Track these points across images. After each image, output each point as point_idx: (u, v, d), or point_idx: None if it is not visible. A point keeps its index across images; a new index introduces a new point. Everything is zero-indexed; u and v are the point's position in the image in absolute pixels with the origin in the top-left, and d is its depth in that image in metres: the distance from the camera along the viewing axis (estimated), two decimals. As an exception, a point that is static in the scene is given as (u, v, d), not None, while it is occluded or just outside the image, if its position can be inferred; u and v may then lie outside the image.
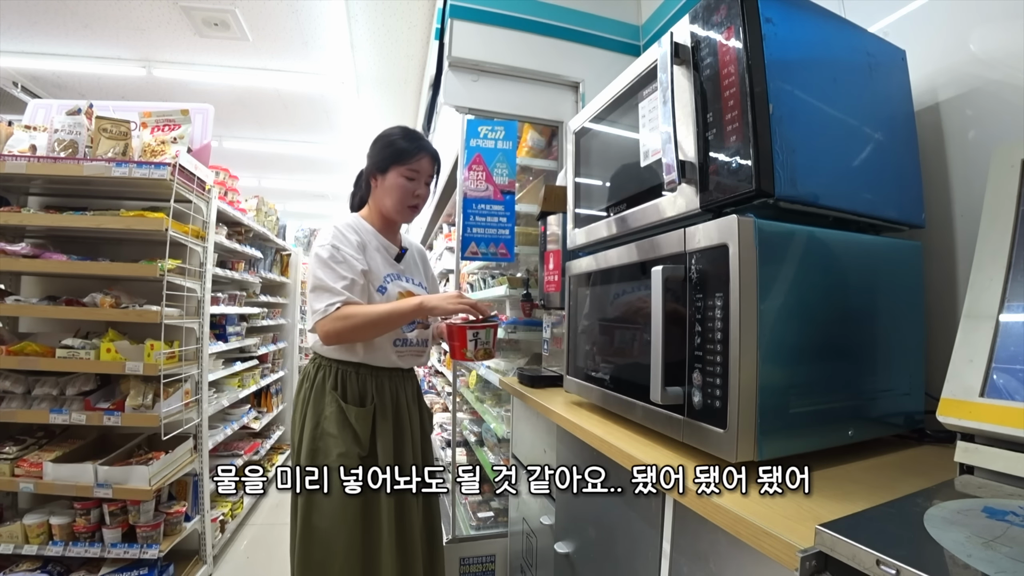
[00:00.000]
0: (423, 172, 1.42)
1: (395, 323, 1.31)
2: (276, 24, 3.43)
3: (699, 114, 0.89)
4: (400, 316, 1.29)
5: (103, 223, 1.96)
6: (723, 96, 0.83)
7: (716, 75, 0.85)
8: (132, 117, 2.09)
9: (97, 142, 2.00)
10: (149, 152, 2.05)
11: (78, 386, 2.01)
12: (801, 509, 0.65)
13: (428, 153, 1.42)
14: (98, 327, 2.10)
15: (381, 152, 1.41)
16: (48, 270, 2.02)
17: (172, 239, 1.99)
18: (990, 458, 0.65)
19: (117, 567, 2.00)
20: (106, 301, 1.97)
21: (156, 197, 2.16)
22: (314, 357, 1.43)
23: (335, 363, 1.38)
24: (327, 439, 1.33)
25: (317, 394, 1.37)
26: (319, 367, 1.40)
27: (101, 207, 2.11)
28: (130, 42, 3.66)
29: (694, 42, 0.91)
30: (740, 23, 0.80)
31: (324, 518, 1.29)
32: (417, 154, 1.39)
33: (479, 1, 2.12)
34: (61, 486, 1.89)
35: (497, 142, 2.11)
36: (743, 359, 0.74)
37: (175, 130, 2.13)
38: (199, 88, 4.26)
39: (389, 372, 1.43)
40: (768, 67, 0.80)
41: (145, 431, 2.16)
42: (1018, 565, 0.43)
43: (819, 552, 0.52)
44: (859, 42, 0.98)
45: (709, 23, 0.88)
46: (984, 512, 0.55)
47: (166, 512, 2.09)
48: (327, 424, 1.34)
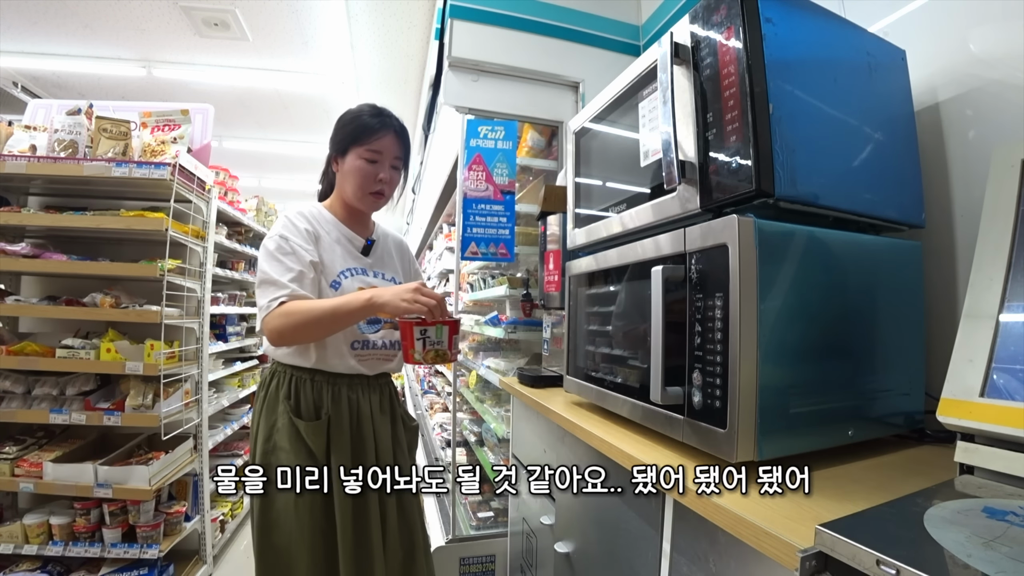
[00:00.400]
0: (387, 153, 1.25)
1: (343, 320, 1.14)
2: (276, 24, 3.43)
3: (699, 114, 0.89)
4: (348, 313, 1.12)
5: (103, 223, 1.96)
6: (723, 96, 0.83)
7: (716, 75, 0.85)
8: (132, 117, 2.09)
9: (97, 142, 2.00)
10: (149, 152, 2.04)
11: (78, 386, 2.01)
12: (801, 509, 0.65)
13: (392, 130, 1.25)
14: (98, 327, 2.10)
15: (341, 131, 1.26)
16: (48, 270, 2.02)
17: (172, 239, 1.99)
18: (990, 458, 0.65)
19: (117, 567, 2.00)
20: (106, 301, 1.97)
21: (156, 197, 2.16)
22: (271, 361, 1.30)
23: (289, 369, 1.24)
24: (279, 453, 1.19)
25: (270, 403, 1.24)
26: (273, 373, 1.27)
27: (101, 207, 2.11)
28: (130, 42, 3.67)
29: (694, 42, 0.91)
30: (740, 23, 0.80)
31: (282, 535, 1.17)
32: (378, 132, 1.23)
33: (479, 1, 2.12)
34: (61, 486, 1.89)
35: (497, 142, 2.11)
36: (743, 359, 0.74)
37: (175, 130, 2.13)
38: (199, 88, 4.26)
39: (349, 379, 1.26)
40: (768, 67, 0.80)
41: (145, 431, 2.16)
42: (1018, 565, 0.43)
43: (819, 552, 0.52)
44: (859, 42, 0.98)
45: (709, 23, 0.87)
46: (984, 512, 0.55)
47: (166, 512, 2.09)
48: (279, 437, 1.20)
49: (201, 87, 4.25)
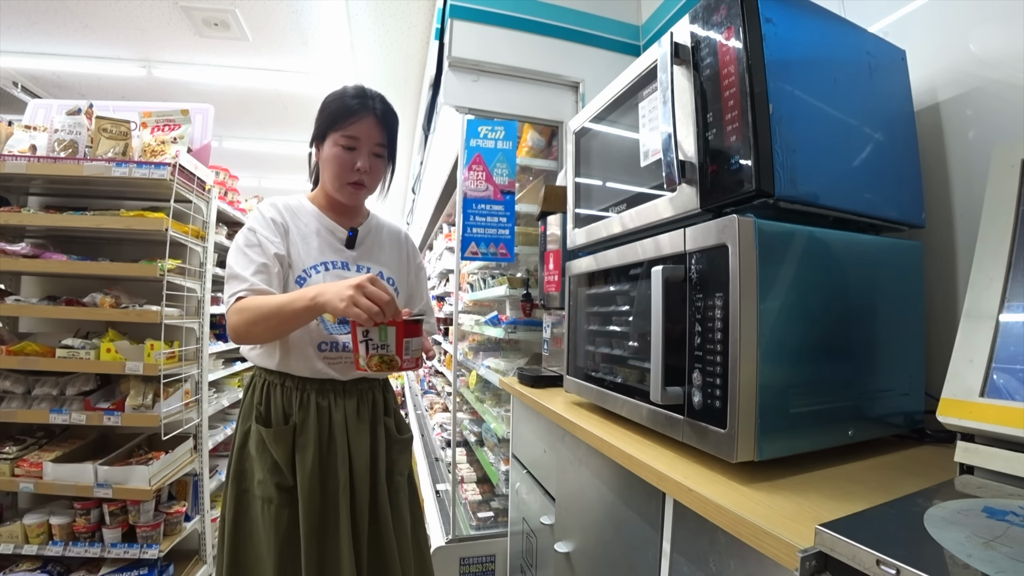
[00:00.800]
0: (365, 139, 1.14)
1: (289, 320, 1.01)
2: (276, 24, 3.43)
3: (699, 114, 0.89)
4: (293, 312, 0.98)
5: (103, 223, 1.96)
6: (723, 96, 0.84)
7: (716, 75, 0.85)
8: (132, 117, 2.09)
9: (97, 142, 2.00)
10: (149, 152, 2.04)
11: (78, 386, 2.00)
12: (801, 509, 0.65)
13: (372, 113, 1.13)
14: (98, 327, 2.10)
15: (320, 115, 1.17)
16: (48, 270, 2.02)
17: (172, 239, 1.99)
18: (990, 458, 0.65)
19: (117, 567, 2.00)
20: (106, 301, 1.97)
21: (156, 197, 2.16)
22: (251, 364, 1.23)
23: (263, 372, 1.17)
24: (250, 460, 1.14)
25: (246, 408, 1.18)
26: (252, 376, 1.21)
27: (101, 207, 2.11)
28: (130, 42, 3.67)
29: (694, 42, 0.91)
30: (740, 23, 0.80)
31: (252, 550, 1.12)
32: (356, 115, 1.12)
33: (479, 1, 2.12)
34: (61, 486, 1.89)
35: (497, 142, 2.11)
36: (743, 359, 0.74)
37: (175, 130, 2.13)
38: (199, 88, 4.26)
39: (319, 384, 1.15)
40: (768, 67, 0.80)
41: (145, 431, 2.16)
42: (1018, 565, 0.43)
43: (819, 552, 0.52)
44: (859, 42, 0.98)
45: (709, 23, 0.88)
46: (984, 512, 0.55)
47: (166, 512, 2.09)
48: (251, 443, 1.14)
49: (201, 87, 4.25)
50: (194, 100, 2.33)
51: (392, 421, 1.29)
